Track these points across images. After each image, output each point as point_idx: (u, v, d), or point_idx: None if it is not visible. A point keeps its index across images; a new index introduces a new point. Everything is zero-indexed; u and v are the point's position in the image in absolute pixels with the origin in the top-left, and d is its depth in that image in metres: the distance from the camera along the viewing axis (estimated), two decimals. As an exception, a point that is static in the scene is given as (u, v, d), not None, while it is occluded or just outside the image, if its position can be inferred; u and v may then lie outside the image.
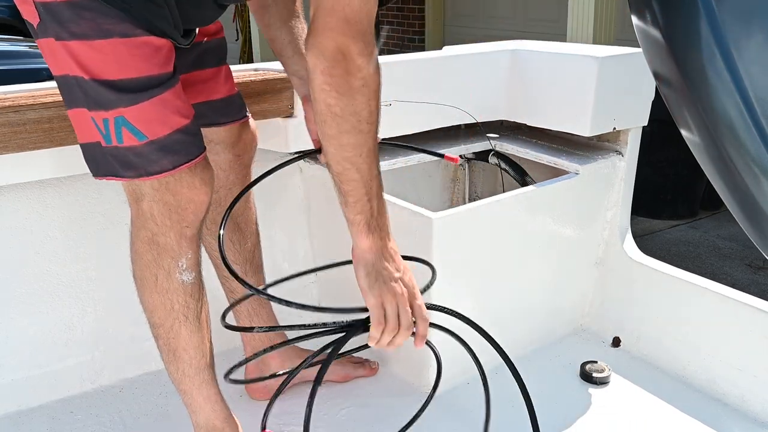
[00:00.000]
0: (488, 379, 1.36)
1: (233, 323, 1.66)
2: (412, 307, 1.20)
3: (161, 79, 1.23)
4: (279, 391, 1.44)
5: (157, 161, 1.23)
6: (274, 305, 1.64)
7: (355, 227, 1.19)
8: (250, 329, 1.59)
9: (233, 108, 1.54)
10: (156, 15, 1.22)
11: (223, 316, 1.40)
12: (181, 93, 1.27)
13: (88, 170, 1.63)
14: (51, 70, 1.28)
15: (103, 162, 1.26)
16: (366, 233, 1.19)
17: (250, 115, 1.60)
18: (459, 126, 2.18)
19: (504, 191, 1.98)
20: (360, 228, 1.19)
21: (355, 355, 1.79)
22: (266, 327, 1.63)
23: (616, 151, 2.00)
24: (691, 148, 1.15)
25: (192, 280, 1.35)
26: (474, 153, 2.21)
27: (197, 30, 1.42)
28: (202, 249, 1.43)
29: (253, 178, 1.57)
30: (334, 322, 1.24)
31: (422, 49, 7.91)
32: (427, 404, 1.49)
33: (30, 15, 1.22)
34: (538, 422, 1.27)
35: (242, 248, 1.63)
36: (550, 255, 1.90)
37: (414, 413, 1.53)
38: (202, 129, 1.45)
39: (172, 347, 1.36)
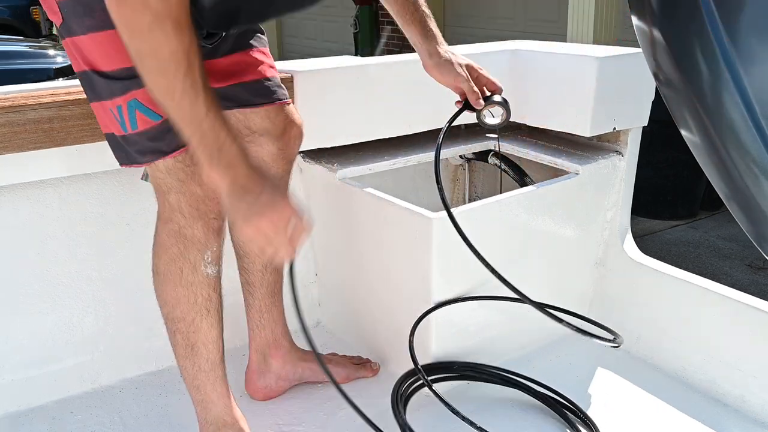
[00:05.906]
0: None
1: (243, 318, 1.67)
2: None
3: None
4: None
5: (174, 139, 1.23)
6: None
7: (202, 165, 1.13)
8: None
9: (267, 90, 1.49)
10: None
11: None
12: None
13: (87, 170, 1.65)
14: (74, 68, 1.32)
15: (123, 151, 1.30)
16: (210, 169, 1.11)
17: (293, 106, 1.57)
18: (459, 126, 2.18)
19: (501, 191, 1.98)
20: (204, 166, 1.12)
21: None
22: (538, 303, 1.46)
23: (616, 152, 2.00)
24: (691, 148, 1.15)
25: (215, 273, 1.36)
26: (474, 153, 2.21)
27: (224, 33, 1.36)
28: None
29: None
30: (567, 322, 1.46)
31: (422, 49, 7.88)
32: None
33: (55, 18, 1.25)
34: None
35: None
36: (550, 255, 1.89)
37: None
38: (239, 113, 1.47)
39: (191, 341, 1.37)
